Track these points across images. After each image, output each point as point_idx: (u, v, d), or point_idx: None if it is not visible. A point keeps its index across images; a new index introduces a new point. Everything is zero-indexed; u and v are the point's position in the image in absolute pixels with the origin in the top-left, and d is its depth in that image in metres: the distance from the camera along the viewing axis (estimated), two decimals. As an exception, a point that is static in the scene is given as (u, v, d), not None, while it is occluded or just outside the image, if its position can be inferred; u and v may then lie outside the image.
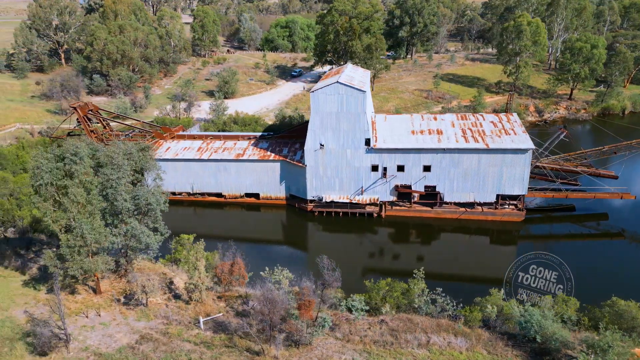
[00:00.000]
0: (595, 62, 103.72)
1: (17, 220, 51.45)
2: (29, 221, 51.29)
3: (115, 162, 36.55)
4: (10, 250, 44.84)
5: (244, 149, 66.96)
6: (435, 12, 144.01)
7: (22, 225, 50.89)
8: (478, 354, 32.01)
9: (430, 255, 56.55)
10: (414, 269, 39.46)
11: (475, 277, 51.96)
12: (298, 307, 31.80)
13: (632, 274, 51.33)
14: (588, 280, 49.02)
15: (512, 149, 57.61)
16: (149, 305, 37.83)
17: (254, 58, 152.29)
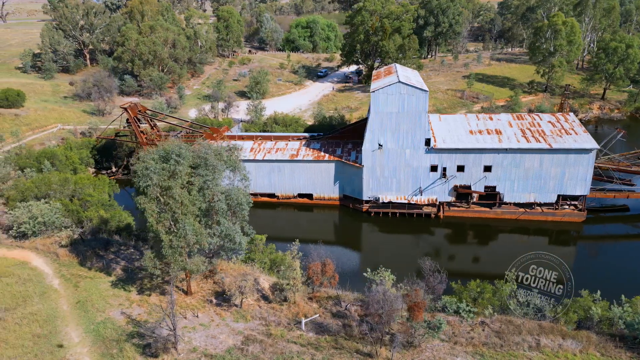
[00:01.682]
0: (631, 61, 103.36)
1: (84, 221, 51.29)
2: (98, 222, 51.12)
3: (210, 163, 36.31)
4: (91, 251, 44.66)
5: (297, 150, 66.73)
6: (460, 12, 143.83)
7: (92, 226, 50.71)
8: (592, 356, 31.80)
9: (491, 256, 56.34)
10: (505, 271, 39.21)
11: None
12: (409, 308, 31.59)
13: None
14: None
15: (576, 149, 57.34)
16: (243, 306, 37.61)
17: (277, 58, 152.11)
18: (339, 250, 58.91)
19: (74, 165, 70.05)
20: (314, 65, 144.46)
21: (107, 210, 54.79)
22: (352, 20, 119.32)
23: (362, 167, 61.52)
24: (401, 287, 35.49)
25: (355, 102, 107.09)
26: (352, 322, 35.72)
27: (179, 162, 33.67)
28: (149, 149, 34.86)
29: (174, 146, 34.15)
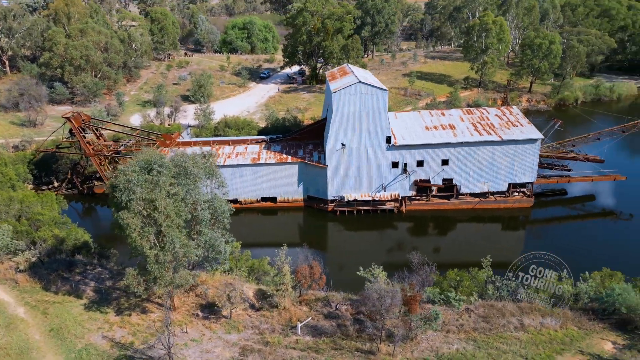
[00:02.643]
0: (553, 57, 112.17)
1: (37, 242, 47.48)
2: (53, 242, 47.54)
3: (190, 171, 35.02)
4: (54, 274, 41.41)
5: (257, 153, 65.93)
6: (395, 12, 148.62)
7: (47, 247, 47.02)
8: (571, 330, 34.40)
9: (455, 245, 59.14)
10: (481, 258, 41.37)
11: (498, 263, 54.89)
12: (405, 302, 32.42)
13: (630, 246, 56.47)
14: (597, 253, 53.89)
15: (523, 139, 61.49)
16: (232, 317, 36.69)
17: (215, 60, 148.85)
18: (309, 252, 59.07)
19: (12, 182, 64.61)
20: (255, 66, 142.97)
21: (61, 228, 51.16)
22: (294, 21, 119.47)
23: (326, 167, 62.03)
24: (390, 282, 36.25)
25: (303, 103, 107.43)
26: (346, 321, 36.04)
27: (162, 173, 32.21)
28: (129, 161, 32.92)
29: (155, 156, 32.59)
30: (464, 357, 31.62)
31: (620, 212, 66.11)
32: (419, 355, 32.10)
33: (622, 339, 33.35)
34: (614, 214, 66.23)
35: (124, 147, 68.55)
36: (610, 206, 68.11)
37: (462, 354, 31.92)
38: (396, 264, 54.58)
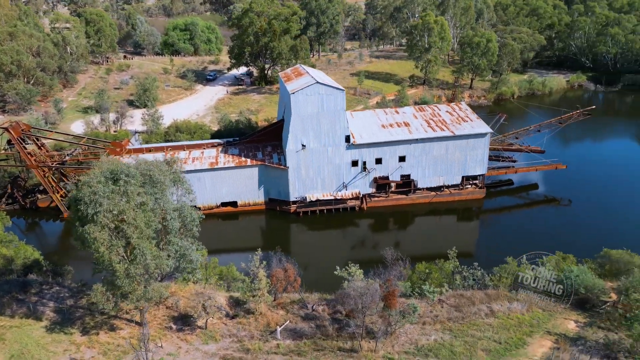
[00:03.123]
0: (491, 54, 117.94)
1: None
2: (1, 262, 44.22)
3: (157, 179, 33.69)
4: (7, 296, 38.45)
5: (215, 157, 64.52)
6: (339, 12, 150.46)
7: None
8: (537, 312, 36.45)
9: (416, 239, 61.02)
10: (447, 250, 42.91)
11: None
12: (383, 298, 33.03)
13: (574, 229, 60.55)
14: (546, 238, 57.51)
15: (474, 134, 64.27)
16: (208, 326, 35.75)
17: (157, 63, 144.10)
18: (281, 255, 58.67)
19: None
20: (200, 68, 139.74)
21: (7, 247, 47.65)
22: (239, 22, 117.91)
23: (287, 169, 61.78)
24: (367, 279, 36.73)
25: (254, 104, 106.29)
26: (324, 321, 36.15)
27: (130, 182, 30.79)
28: (92, 171, 31.10)
29: (121, 165, 31.10)
30: (442, 347, 32.66)
31: (561, 199, 70.56)
32: (399, 349, 32.79)
33: (582, 318, 35.77)
34: (557, 201, 70.57)
35: (70, 157, 64.80)
36: (553, 193, 72.49)
37: (440, 344, 32.96)
38: (364, 260, 55.41)
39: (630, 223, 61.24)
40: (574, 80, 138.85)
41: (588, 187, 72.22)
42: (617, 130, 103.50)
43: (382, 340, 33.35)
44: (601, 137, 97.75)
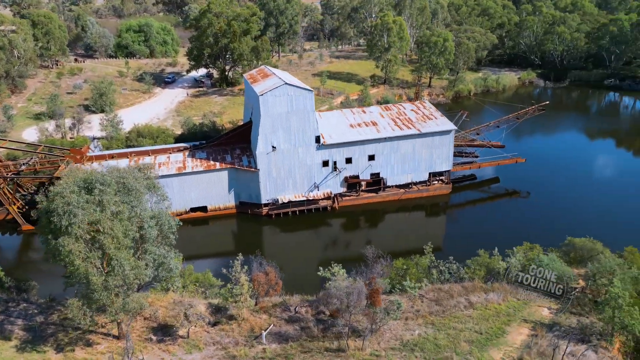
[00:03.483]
0: (448, 53, 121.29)
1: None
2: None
3: (132, 187, 32.55)
4: (-30, 316, 36.12)
5: (182, 162, 63.06)
6: (297, 12, 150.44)
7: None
8: (512, 302, 37.84)
9: (388, 235, 62.00)
10: (419, 245, 43.93)
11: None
12: (368, 295, 33.33)
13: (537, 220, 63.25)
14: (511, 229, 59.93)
15: (440, 131, 65.90)
16: (190, 335, 34.92)
17: (112, 66, 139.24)
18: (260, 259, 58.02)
19: None
20: (157, 71, 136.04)
21: (-36, 263, 44.78)
22: (198, 23, 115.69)
23: (258, 171, 61.21)
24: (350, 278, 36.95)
25: (217, 107, 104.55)
26: (308, 323, 36.09)
27: (105, 191, 29.63)
28: (65, 181, 29.60)
29: (95, 173, 29.88)
30: (427, 340, 33.33)
31: (521, 191, 73.48)
32: (385, 345, 33.21)
33: (554, 304, 37.41)
34: (517, 193, 73.44)
35: (26, 166, 61.55)
36: (513, 186, 75.33)
37: (425, 338, 33.62)
38: (339, 259, 55.71)
39: (588, 211, 64.66)
40: (525, 77, 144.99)
41: (546, 179, 75.61)
42: (567, 124, 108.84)
43: (369, 338, 33.64)
44: (553, 131, 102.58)
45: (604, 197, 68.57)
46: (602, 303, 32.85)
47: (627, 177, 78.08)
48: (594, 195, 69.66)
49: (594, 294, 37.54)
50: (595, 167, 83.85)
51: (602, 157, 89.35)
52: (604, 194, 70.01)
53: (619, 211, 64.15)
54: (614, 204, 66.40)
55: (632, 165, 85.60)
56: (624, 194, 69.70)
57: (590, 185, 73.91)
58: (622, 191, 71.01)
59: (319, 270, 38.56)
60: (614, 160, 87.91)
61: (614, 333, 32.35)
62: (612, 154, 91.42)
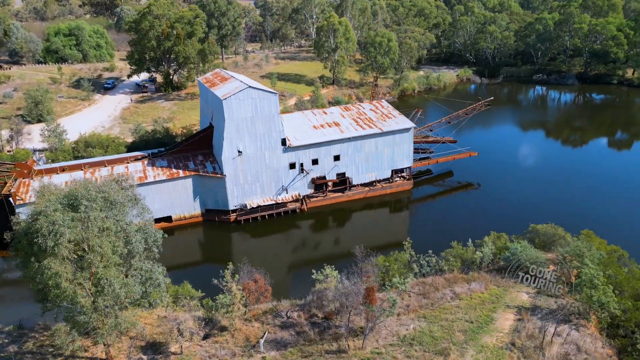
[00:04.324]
0: (393, 53, 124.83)
1: None
2: None
3: (116, 200, 30.74)
4: None
5: (142, 171, 60.32)
6: (240, 14, 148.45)
7: None
8: (493, 290, 39.70)
9: (357, 232, 62.78)
10: (403, 241, 45.01)
11: (395, 241, 60.30)
12: (365, 294, 33.71)
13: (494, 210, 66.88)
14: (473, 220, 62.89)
15: (400, 129, 67.75)
16: (183, 351, 33.58)
17: (42, 72, 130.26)
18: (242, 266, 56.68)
19: None
20: (94, 76, 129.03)
21: None
22: (138, 25, 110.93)
23: (224, 177, 59.85)
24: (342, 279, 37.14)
25: (165, 112, 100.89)
26: (303, 327, 35.85)
27: (91, 207, 27.81)
28: (46, 199, 27.31)
29: (80, 189, 27.95)
30: (423, 334, 34.22)
31: (474, 183, 77.16)
32: (384, 342, 33.73)
33: (531, 289, 39.70)
34: (472, 185, 77.06)
35: None
36: (467, 179, 78.94)
37: (420, 332, 34.50)
38: (319, 260, 56.20)
39: (538, 199, 68.95)
40: (462, 74, 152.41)
41: (493, 171, 79.93)
42: (506, 118, 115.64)
43: (368, 336, 34.00)
44: (493, 125, 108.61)
45: (549, 185, 73.56)
46: (579, 284, 35.30)
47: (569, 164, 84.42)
48: (540, 183, 74.50)
49: (565, 276, 40.22)
50: (534, 157, 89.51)
51: (539, 146, 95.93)
52: (549, 181, 75.05)
53: (562, 196, 69.17)
54: (558, 190, 71.52)
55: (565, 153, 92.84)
56: (563, 180, 75.27)
57: (536, 174, 78.92)
58: (561, 177, 76.63)
59: (299, 273, 38.79)
60: (549, 148, 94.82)
61: (589, 311, 34.89)
62: (545, 143, 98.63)
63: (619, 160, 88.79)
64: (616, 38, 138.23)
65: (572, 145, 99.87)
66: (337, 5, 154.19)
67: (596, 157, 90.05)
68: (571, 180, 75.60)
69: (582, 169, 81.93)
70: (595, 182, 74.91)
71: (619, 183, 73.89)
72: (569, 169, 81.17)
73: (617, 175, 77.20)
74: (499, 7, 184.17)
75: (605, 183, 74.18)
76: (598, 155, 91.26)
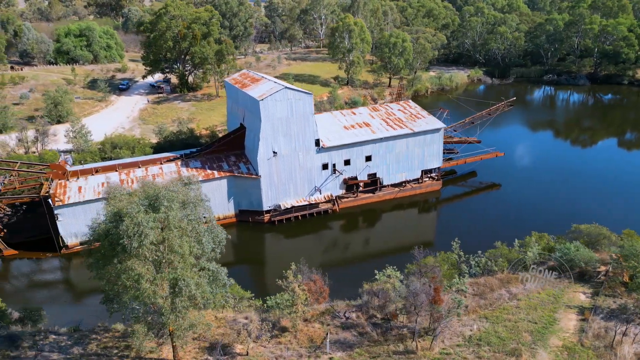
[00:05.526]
0: (408, 53, 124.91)
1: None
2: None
3: (190, 201, 30.55)
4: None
5: (177, 172, 60.05)
6: (251, 14, 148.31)
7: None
8: (549, 290, 39.67)
9: (391, 233, 62.76)
10: (452, 241, 44.98)
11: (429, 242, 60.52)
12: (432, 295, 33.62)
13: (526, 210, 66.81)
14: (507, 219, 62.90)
15: (431, 129, 67.72)
16: (250, 352, 33.40)
17: (55, 73, 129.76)
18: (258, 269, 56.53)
19: None
20: (107, 77, 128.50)
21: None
22: (154, 26, 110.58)
23: (259, 177, 59.66)
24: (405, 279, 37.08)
25: (185, 113, 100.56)
26: (365, 328, 35.73)
27: (171, 208, 27.64)
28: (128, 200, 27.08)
29: (159, 189, 27.78)
30: (488, 334, 34.16)
31: (500, 183, 77.07)
32: (451, 343, 33.65)
33: (587, 289, 39.73)
34: (497, 185, 77.03)
35: (2, 185, 55.81)
36: (490, 179, 78.78)
37: (485, 332, 34.44)
38: (360, 258, 56.37)
39: (572, 199, 68.82)
40: (473, 75, 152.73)
41: (518, 171, 79.97)
42: (521, 118, 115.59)
43: (428, 337, 33.91)
44: (511, 125, 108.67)
45: (574, 185, 73.54)
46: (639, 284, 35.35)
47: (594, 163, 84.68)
48: (564, 183, 74.36)
49: (619, 276, 40.25)
50: (556, 157, 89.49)
51: (560, 146, 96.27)
52: (573, 181, 74.96)
53: (596, 197, 69.25)
54: (584, 190, 71.59)
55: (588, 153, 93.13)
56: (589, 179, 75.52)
57: (559, 174, 78.81)
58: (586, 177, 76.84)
59: (338, 273, 38.39)
60: (570, 149, 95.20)
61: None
62: (565, 143, 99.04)
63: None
64: (627, 39, 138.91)
65: (595, 145, 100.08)
66: (349, 6, 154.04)
67: (618, 157, 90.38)
68: (599, 179, 75.72)
69: (609, 170, 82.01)
70: (626, 182, 74.94)
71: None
72: (595, 169, 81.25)
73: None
74: (507, 8, 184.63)
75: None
76: (620, 156, 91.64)
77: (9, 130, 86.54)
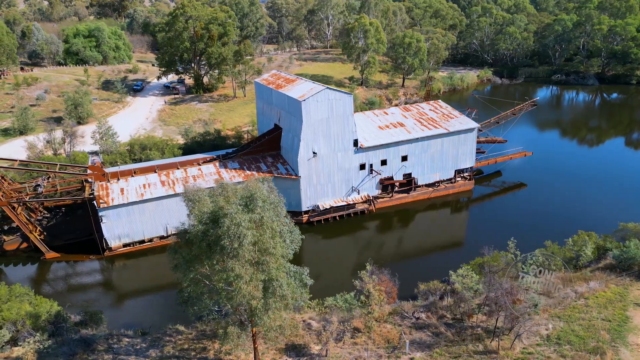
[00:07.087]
0: (422, 53, 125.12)
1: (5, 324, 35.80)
2: (31, 321, 36.44)
3: (272, 201, 30.25)
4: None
5: (216, 173, 59.61)
6: (262, 15, 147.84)
7: (18, 329, 35.71)
8: (614, 288, 39.74)
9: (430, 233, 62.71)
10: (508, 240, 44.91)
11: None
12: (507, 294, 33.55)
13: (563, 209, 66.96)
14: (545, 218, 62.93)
15: (465, 129, 67.78)
16: (328, 354, 33.13)
17: (66, 74, 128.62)
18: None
19: None
20: (119, 78, 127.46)
21: (21, 300, 39.31)
22: (170, 27, 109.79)
23: (299, 178, 59.37)
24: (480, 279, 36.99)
25: (204, 114, 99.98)
26: (439, 328, 35.62)
27: (265, 208, 27.35)
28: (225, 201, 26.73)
29: (256, 189, 27.47)
30: (565, 333, 34.14)
31: (526, 183, 77.04)
32: (529, 342, 33.58)
33: (650, 286, 39.89)
34: (524, 185, 77.10)
35: (42, 187, 55.02)
36: (516, 178, 78.68)
37: (562, 331, 34.42)
38: (408, 256, 56.05)
39: (600, 201, 69.02)
40: (483, 75, 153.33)
41: (543, 171, 79.92)
42: (541, 118, 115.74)
43: (505, 336, 33.85)
44: (534, 124, 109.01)
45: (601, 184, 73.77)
46: None
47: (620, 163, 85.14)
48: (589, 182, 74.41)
49: (681, 273, 40.49)
50: (582, 155, 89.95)
51: (585, 146, 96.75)
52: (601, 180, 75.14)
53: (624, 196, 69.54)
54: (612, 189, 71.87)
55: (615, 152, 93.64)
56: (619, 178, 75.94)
57: (587, 173, 79.07)
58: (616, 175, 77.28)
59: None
60: (595, 148, 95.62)
61: None
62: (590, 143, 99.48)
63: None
64: (636, 39, 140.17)
65: (622, 144, 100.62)
66: (360, 6, 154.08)
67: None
68: (628, 179, 76.06)
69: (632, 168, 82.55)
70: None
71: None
72: (622, 169, 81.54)
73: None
74: (514, 9, 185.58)
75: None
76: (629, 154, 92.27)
77: (30, 131, 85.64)
